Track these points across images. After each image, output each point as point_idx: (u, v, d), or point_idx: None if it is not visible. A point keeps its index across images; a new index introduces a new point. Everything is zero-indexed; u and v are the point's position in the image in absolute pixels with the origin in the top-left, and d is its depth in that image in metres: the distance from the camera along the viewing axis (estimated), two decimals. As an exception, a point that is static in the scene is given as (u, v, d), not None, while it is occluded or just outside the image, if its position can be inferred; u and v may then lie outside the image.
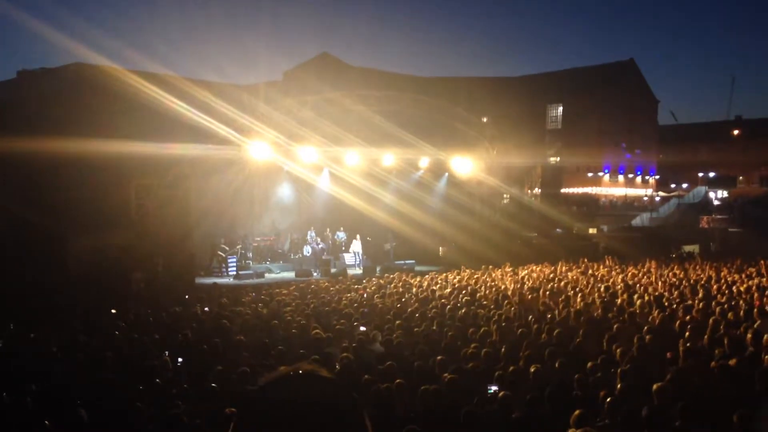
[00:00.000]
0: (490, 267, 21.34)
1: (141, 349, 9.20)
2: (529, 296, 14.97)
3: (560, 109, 53.54)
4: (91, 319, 12.36)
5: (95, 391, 6.91)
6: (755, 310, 12.00)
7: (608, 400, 6.50)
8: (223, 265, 23.92)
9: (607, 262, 21.60)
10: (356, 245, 26.94)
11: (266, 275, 24.40)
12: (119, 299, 15.17)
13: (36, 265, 17.21)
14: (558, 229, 32.92)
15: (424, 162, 27.09)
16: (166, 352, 8.91)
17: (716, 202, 50.94)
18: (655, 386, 6.72)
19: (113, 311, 13.40)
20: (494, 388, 7.32)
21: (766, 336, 8.87)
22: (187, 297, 16.32)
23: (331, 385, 1.26)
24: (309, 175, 25.79)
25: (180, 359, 8.86)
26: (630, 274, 19.15)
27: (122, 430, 6.06)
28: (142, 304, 14.70)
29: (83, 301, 14.37)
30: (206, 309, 14.10)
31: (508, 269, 20.72)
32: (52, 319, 11.81)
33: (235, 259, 24.22)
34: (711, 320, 10.78)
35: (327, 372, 1.30)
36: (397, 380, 7.31)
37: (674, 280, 17.46)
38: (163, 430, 5.83)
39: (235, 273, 23.65)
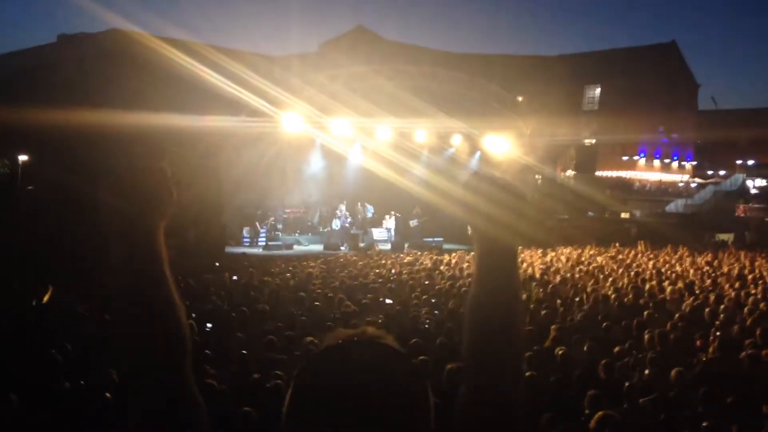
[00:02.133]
0: (521, 248, 21.18)
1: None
2: (558, 279, 14.85)
3: (598, 90, 52.57)
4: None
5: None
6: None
7: (627, 384, 6.48)
8: (256, 236, 24.18)
9: (639, 247, 21.31)
10: (390, 222, 26.96)
11: (295, 247, 24.58)
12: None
13: (70, 229, 17.53)
14: (590, 213, 32.54)
15: (456, 139, 26.88)
16: (194, 315, 9.03)
17: (754, 191, 49.82)
18: (673, 372, 6.66)
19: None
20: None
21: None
22: (217, 264, 16.51)
23: (398, 355, 1.18)
24: (341, 147, 25.78)
25: (209, 325, 8.99)
26: (662, 260, 18.88)
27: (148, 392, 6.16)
28: (173, 271, 14.89)
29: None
30: (235, 278, 14.27)
31: (537, 251, 20.57)
32: (86, 283, 12.04)
33: (265, 230, 24.43)
34: (744, 310, 10.61)
35: (392, 340, 1.21)
36: (421, 357, 7.32)
37: (707, 268, 17.17)
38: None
39: (264, 244, 23.86)
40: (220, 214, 22.17)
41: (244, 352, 7.31)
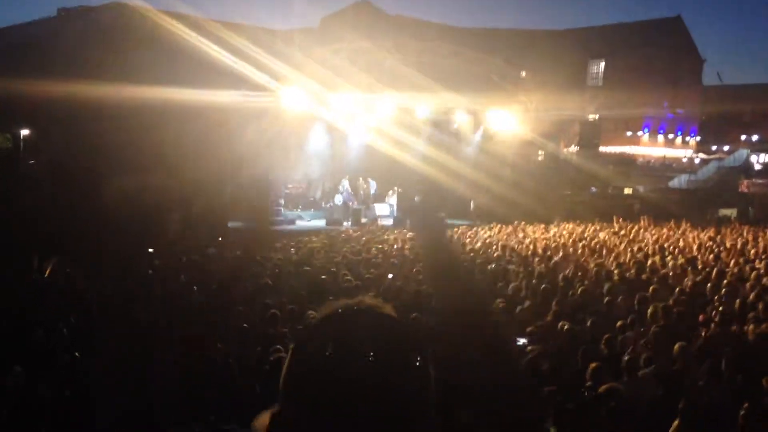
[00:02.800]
0: (522, 223, 21.18)
1: (174, 289, 9.38)
2: (561, 253, 14.85)
3: (602, 64, 52.15)
4: (126, 257, 12.60)
5: (129, 327, 7.07)
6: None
7: (626, 357, 6.51)
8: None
9: (642, 222, 21.28)
10: (392, 198, 26.93)
11: (297, 222, 24.58)
12: (155, 239, 15.43)
13: (73, 203, 17.53)
14: (593, 188, 32.46)
15: (459, 114, 26.74)
16: (195, 288, 9.07)
17: (758, 166, 49.59)
18: (676, 346, 6.68)
19: (150, 250, 13.65)
20: (523, 340, 7.33)
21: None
22: (220, 239, 16.54)
23: (397, 324, 1.16)
24: (343, 123, 25.64)
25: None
26: (665, 235, 18.87)
27: (152, 367, 6.20)
28: (176, 245, 14.95)
29: (119, 240, 14.64)
30: (238, 253, 14.30)
31: (540, 226, 20.56)
32: (88, 256, 12.06)
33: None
34: (746, 285, 10.61)
35: (391, 309, 1.19)
36: (421, 327, 7.35)
37: (710, 243, 17.15)
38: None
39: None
40: (223, 188, 22.14)
41: (246, 325, 7.35)
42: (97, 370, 5.66)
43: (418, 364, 1.13)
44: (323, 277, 11.06)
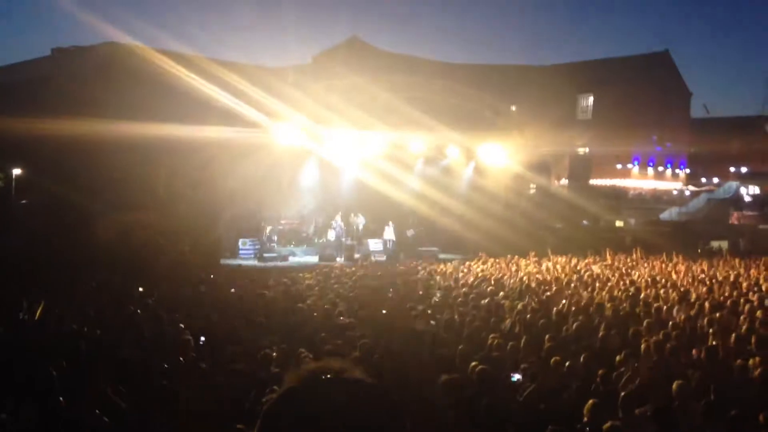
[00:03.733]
0: (516, 257, 21.21)
1: (164, 328, 9.30)
2: (554, 288, 14.85)
3: (591, 99, 52.81)
4: (116, 296, 12.52)
5: (118, 368, 6.99)
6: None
7: (622, 394, 6.47)
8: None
9: (634, 255, 21.33)
10: (389, 232, 26.91)
11: (290, 259, 24.53)
12: (146, 278, 15.36)
13: (65, 242, 17.48)
14: (584, 221, 32.59)
15: (451, 149, 26.95)
16: (188, 331, 8.98)
17: (747, 198, 49.98)
18: (675, 384, 6.65)
19: (140, 289, 13.57)
20: (518, 376, 7.29)
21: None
22: (212, 277, 16.47)
23: (370, 389, 1.10)
24: (336, 159, 25.77)
25: (202, 338, 8.93)
26: (657, 268, 18.91)
27: (145, 407, 6.13)
28: (168, 283, 14.87)
29: (110, 279, 14.57)
30: (232, 290, 14.21)
31: (532, 259, 20.57)
32: (79, 296, 11.98)
33: (253, 243, 24.43)
34: (739, 318, 10.61)
35: (361, 372, 1.14)
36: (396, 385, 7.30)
37: (702, 275, 17.18)
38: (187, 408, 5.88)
39: (259, 255, 23.84)
40: (216, 225, 22.14)
41: (237, 367, 7.28)
42: (86, 413, 5.58)
43: (397, 428, 1.08)
44: (315, 314, 11.01)
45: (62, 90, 19.46)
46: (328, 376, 1.11)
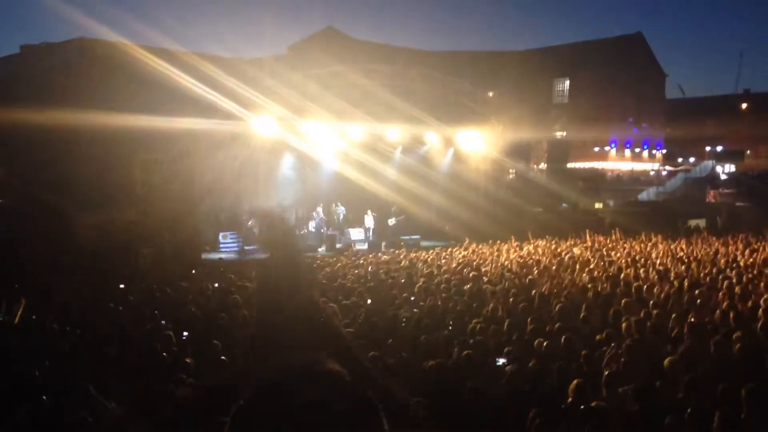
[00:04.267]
0: (498, 242, 21.32)
1: (147, 325, 9.23)
2: (535, 271, 14.95)
3: (567, 83, 53.11)
4: (96, 294, 12.41)
5: (101, 366, 6.95)
6: (761, 284, 11.97)
7: (606, 373, 6.55)
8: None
9: (613, 236, 21.53)
10: (368, 221, 26.94)
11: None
12: (126, 274, 15.23)
13: (41, 241, 17.26)
14: (564, 204, 32.81)
15: (429, 137, 26.95)
16: (170, 326, 8.93)
17: (723, 177, 50.66)
18: (666, 361, 6.74)
19: (121, 286, 13.45)
20: (502, 360, 7.34)
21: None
22: (194, 272, 16.37)
23: (343, 383, 1.06)
24: (314, 150, 25.65)
25: (185, 333, 8.89)
26: (637, 248, 19.11)
27: (130, 405, 6.10)
28: (149, 280, 14.75)
29: (89, 277, 14.42)
30: (216, 285, 14.11)
31: (513, 244, 20.69)
32: (58, 296, 11.85)
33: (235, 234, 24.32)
34: (718, 294, 10.77)
35: (334, 364, 1.10)
36: (403, 353, 7.34)
37: (681, 254, 17.40)
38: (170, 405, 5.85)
39: (240, 248, 23.74)
40: (195, 219, 21.95)
41: (224, 357, 7.26)
42: (71, 413, 5.54)
43: (374, 424, 1.04)
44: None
45: (34, 85, 19.16)
46: (300, 370, 1.07)
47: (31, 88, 18.96)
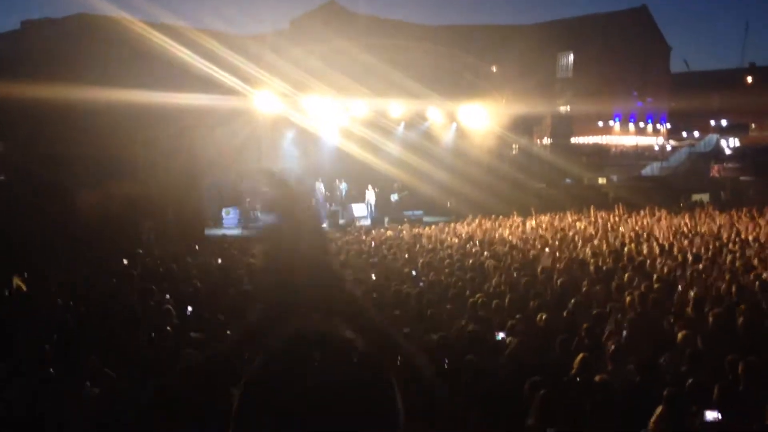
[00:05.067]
0: (500, 217, 21.31)
1: (151, 299, 9.27)
2: (538, 246, 14.96)
3: (571, 57, 52.66)
4: (100, 269, 12.45)
5: (105, 339, 7.00)
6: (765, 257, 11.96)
7: (612, 347, 6.57)
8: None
9: (616, 211, 21.49)
10: (370, 196, 26.91)
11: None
12: (129, 249, 15.26)
13: (44, 217, 17.27)
14: (567, 179, 32.73)
15: (432, 112, 26.80)
16: (171, 300, 8.97)
17: (728, 151, 50.36)
18: (680, 335, 6.76)
19: (125, 261, 13.49)
20: (502, 335, 7.37)
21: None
22: (197, 248, 16.41)
23: (357, 353, 1.02)
24: (316, 125, 25.54)
25: (189, 308, 8.93)
26: (640, 223, 19.08)
27: (133, 377, 6.15)
28: (152, 255, 14.79)
29: (92, 252, 14.45)
30: (219, 261, 14.14)
31: (516, 219, 20.67)
32: (61, 272, 11.89)
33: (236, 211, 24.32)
34: (721, 268, 10.77)
35: (348, 331, 1.06)
36: (405, 329, 7.36)
37: (684, 228, 17.38)
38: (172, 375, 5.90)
39: (243, 224, 23.76)
40: (198, 195, 21.94)
41: (229, 332, 7.30)
42: (76, 386, 5.60)
43: (383, 393, 1.01)
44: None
45: (35, 61, 19.06)
46: (317, 338, 1.03)
47: (32, 64, 18.86)
